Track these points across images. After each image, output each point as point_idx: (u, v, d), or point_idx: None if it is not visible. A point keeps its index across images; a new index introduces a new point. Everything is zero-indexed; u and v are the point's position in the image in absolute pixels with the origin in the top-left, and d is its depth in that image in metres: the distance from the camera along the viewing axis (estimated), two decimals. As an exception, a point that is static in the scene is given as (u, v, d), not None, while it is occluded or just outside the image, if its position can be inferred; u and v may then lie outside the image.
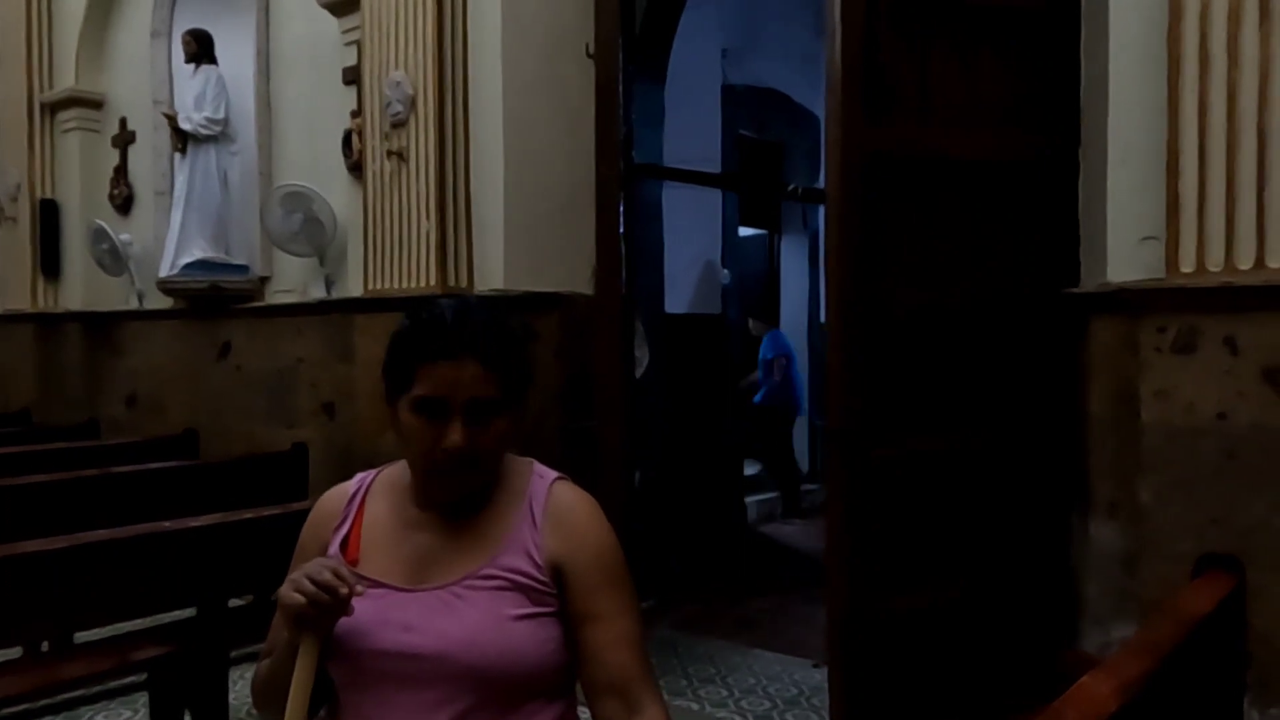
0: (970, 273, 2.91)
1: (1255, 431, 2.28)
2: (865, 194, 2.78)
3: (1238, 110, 2.31)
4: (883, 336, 2.83)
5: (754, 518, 6.62)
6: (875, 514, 2.83)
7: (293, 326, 4.95)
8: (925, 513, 2.89)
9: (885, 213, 2.82)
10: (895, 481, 2.86)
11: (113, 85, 6.09)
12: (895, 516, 2.86)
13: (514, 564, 1.23)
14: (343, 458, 4.29)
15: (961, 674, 2.88)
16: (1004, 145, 2.91)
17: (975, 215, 2.91)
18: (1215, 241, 2.34)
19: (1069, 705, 1.40)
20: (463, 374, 1.20)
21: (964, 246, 2.91)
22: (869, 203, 2.79)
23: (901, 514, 2.87)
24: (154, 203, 5.78)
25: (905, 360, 2.86)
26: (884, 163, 2.81)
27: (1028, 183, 2.93)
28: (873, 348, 2.81)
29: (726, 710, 3.54)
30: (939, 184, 2.88)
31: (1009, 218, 2.92)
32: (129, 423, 5.80)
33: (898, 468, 2.86)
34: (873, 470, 2.82)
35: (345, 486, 1.37)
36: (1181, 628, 1.85)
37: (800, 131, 7.29)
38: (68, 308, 6.16)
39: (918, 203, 2.87)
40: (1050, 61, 2.92)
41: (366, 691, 1.21)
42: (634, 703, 1.21)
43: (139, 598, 2.87)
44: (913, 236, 2.87)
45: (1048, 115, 2.92)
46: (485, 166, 3.97)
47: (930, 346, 2.88)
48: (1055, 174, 2.92)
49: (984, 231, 2.92)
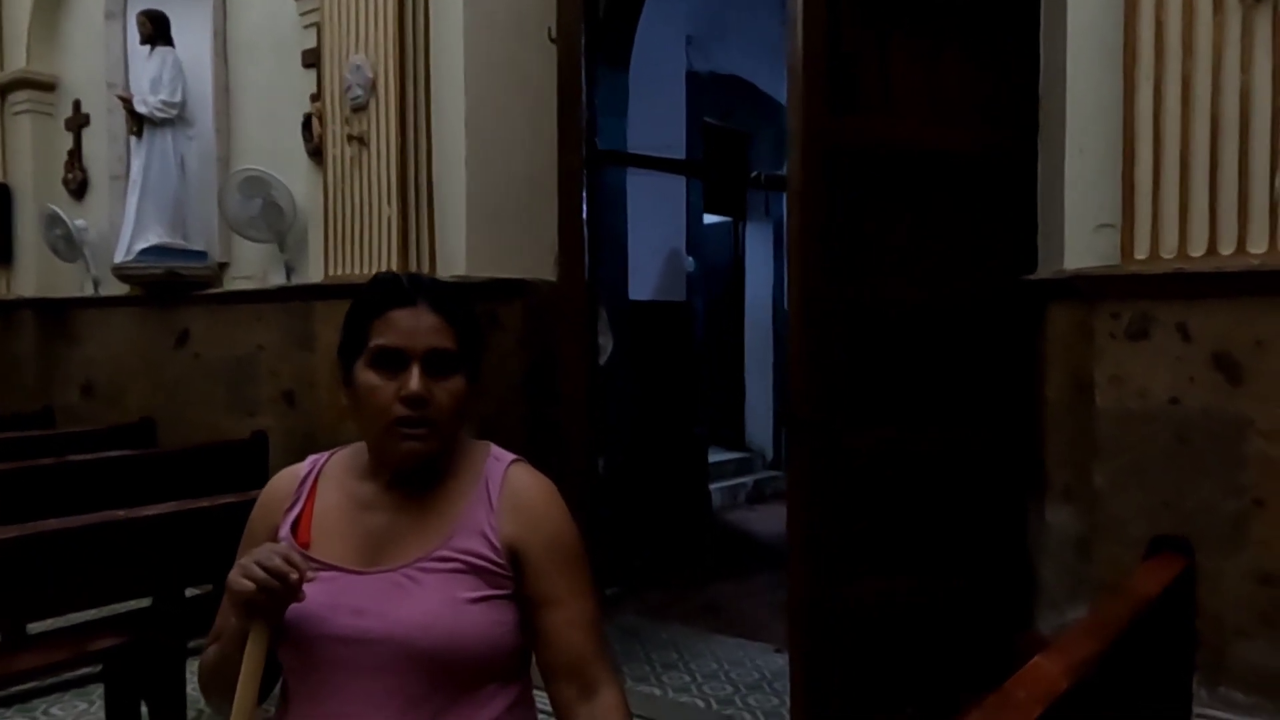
0: (932, 262, 2.93)
1: (1205, 416, 2.32)
2: (827, 184, 2.79)
3: (1192, 99, 2.35)
4: (843, 325, 2.85)
5: (718, 504, 6.65)
6: (836, 501, 2.85)
7: (252, 313, 4.88)
8: (885, 500, 2.92)
9: (847, 203, 2.84)
10: (856, 469, 2.88)
11: (66, 67, 5.95)
12: (855, 503, 2.89)
13: (469, 546, 1.22)
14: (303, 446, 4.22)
15: (920, 658, 2.92)
16: (966, 136, 2.94)
17: (937, 206, 2.93)
18: (1169, 229, 2.37)
19: (1020, 685, 1.42)
20: (420, 322, 1.20)
21: (926, 236, 2.93)
22: (830, 193, 2.80)
23: (861, 501, 2.89)
24: (109, 187, 5.66)
25: (866, 348, 2.88)
26: (845, 154, 2.82)
27: (989, 173, 2.95)
28: (833, 336, 2.83)
29: (689, 695, 3.56)
30: (901, 175, 2.89)
31: (970, 208, 2.95)
32: (85, 412, 5.69)
33: (858, 455, 2.88)
34: (833, 458, 2.84)
35: (297, 468, 1.35)
36: (1132, 608, 1.88)
37: (765, 120, 7.31)
38: (21, 294, 6.03)
39: (880, 193, 2.88)
40: (1012, 52, 2.95)
41: (317, 677, 1.19)
42: (589, 685, 1.22)
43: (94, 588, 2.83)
44: (874, 226, 2.88)
45: (1009, 106, 2.94)
46: (447, 151, 3.94)
47: (891, 335, 2.91)
48: (1016, 164, 2.95)
49: (946, 222, 2.94)
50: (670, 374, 5.54)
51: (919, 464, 2.93)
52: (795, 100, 2.78)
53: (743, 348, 7.82)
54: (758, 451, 7.77)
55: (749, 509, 6.98)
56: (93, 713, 3.33)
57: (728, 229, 7.99)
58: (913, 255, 2.92)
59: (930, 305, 2.93)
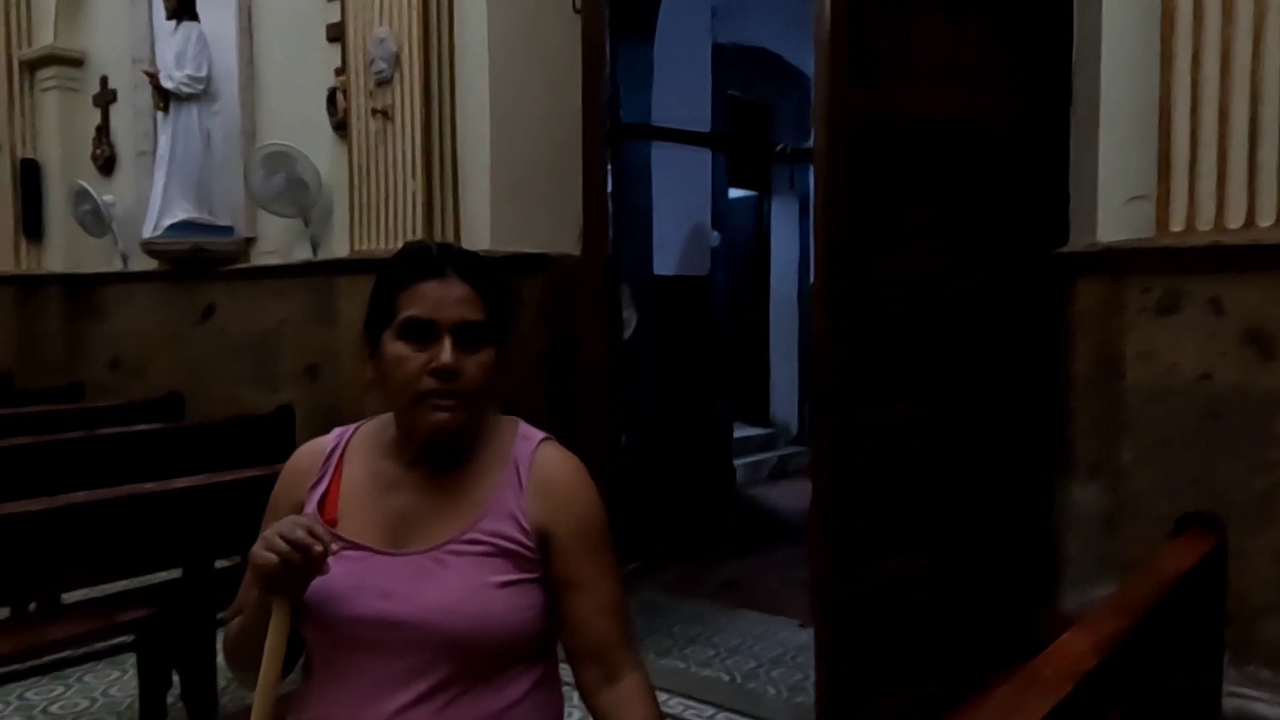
0: (959, 236, 2.90)
1: (1236, 392, 2.28)
2: (853, 157, 2.76)
3: (1231, 67, 2.29)
4: (869, 300, 2.82)
5: (741, 479, 6.65)
6: (859, 477, 2.84)
7: (276, 288, 4.91)
8: (909, 476, 2.90)
9: (873, 176, 2.80)
10: (880, 445, 2.86)
11: (92, 43, 5.98)
12: (879, 479, 2.87)
13: (499, 528, 1.21)
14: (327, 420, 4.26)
15: (944, 635, 2.91)
16: (994, 107, 2.89)
17: (964, 179, 2.89)
18: (1205, 201, 2.33)
19: (1047, 661, 1.41)
20: (449, 293, 1.19)
21: (953, 210, 2.89)
22: (857, 166, 2.77)
23: (886, 477, 2.88)
24: (136, 163, 5.69)
25: (891, 324, 2.86)
26: (872, 126, 2.78)
27: (1018, 145, 2.91)
28: (859, 312, 2.81)
29: (712, 669, 3.57)
30: (928, 147, 2.85)
31: (998, 181, 2.91)
32: (112, 386, 5.75)
33: (882, 432, 2.86)
34: (857, 434, 2.83)
35: (322, 442, 1.33)
36: (1161, 586, 1.86)
37: (789, 92, 7.22)
38: (50, 269, 6.10)
39: (907, 166, 2.84)
40: (1038, 20, 2.89)
41: (342, 657, 1.19)
42: (614, 669, 1.22)
43: (125, 559, 2.87)
44: (901, 200, 2.85)
45: (1038, 76, 2.89)
46: (471, 125, 3.93)
47: (916, 309, 2.88)
48: (1045, 136, 2.90)
49: (973, 195, 2.90)
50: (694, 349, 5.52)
51: (943, 440, 2.91)
52: (822, 72, 2.74)
53: (767, 323, 7.77)
54: (782, 427, 7.74)
55: (772, 484, 6.97)
56: (125, 681, 3.39)
57: (752, 203, 7.93)
58: (940, 229, 2.88)
59: (957, 279, 2.90)
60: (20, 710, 3.22)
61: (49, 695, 3.33)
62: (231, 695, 3.23)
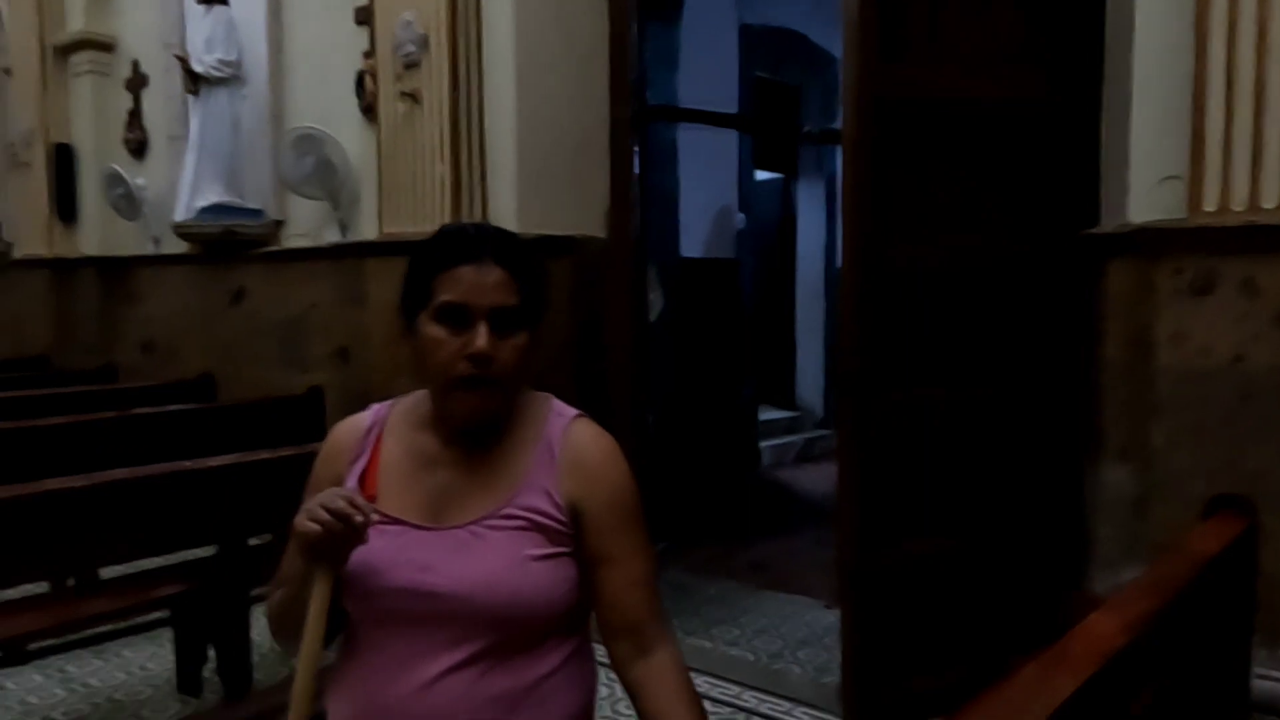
0: (988, 216, 2.88)
1: (1271, 374, 2.26)
2: (882, 135, 2.75)
3: (1267, 45, 2.26)
4: (897, 279, 2.82)
5: (767, 462, 6.65)
6: (887, 458, 2.84)
7: (306, 271, 4.95)
8: (937, 457, 2.90)
9: (902, 155, 2.79)
10: (907, 426, 2.86)
11: (123, 27, 6.03)
12: (907, 461, 2.87)
13: (533, 504, 1.23)
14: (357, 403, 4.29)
15: (971, 616, 2.91)
16: (1023, 85, 2.86)
17: (994, 158, 2.87)
18: (1240, 180, 2.30)
19: (1076, 640, 1.41)
20: (486, 278, 1.20)
21: (982, 190, 2.87)
22: (886, 144, 2.76)
23: (913, 458, 2.88)
24: (168, 147, 5.75)
25: (918, 304, 2.85)
26: (901, 104, 2.77)
27: (1048, 125, 2.88)
28: (886, 292, 2.80)
29: (739, 649, 3.59)
30: (957, 126, 2.84)
31: (1028, 161, 2.89)
32: (145, 368, 5.83)
33: (910, 413, 2.86)
34: (885, 415, 2.83)
35: (360, 419, 1.36)
36: (1191, 567, 1.85)
37: (817, 73, 7.17)
38: (84, 253, 6.18)
39: (936, 145, 2.83)
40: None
41: (383, 628, 1.22)
42: (646, 643, 1.24)
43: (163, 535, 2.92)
44: (930, 179, 2.84)
45: (1069, 55, 2.86)
46: (498, 108, 3.93)
47: (945, 290, 2.87)
48: (1075, 115, 2.87)
49: (1003, 175, 2.88)
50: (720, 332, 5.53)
51: (971, 421, 2.91)
52: (851, 50, 2.73)
53: (794, 306, 7.75)
54: (808, 410, 7.73)
55: (798, 467, 6.97)
56: (162, 655, 3.46)
57: (779, 185, 7.90)
58: (969, 208, 2.86)
59: (986, 260, 2.89)
60: (60, 683, 3.29)
61: (88, 668, 3.41)
62: (266, 670, 3.29)
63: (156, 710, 3.11)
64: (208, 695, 3.18)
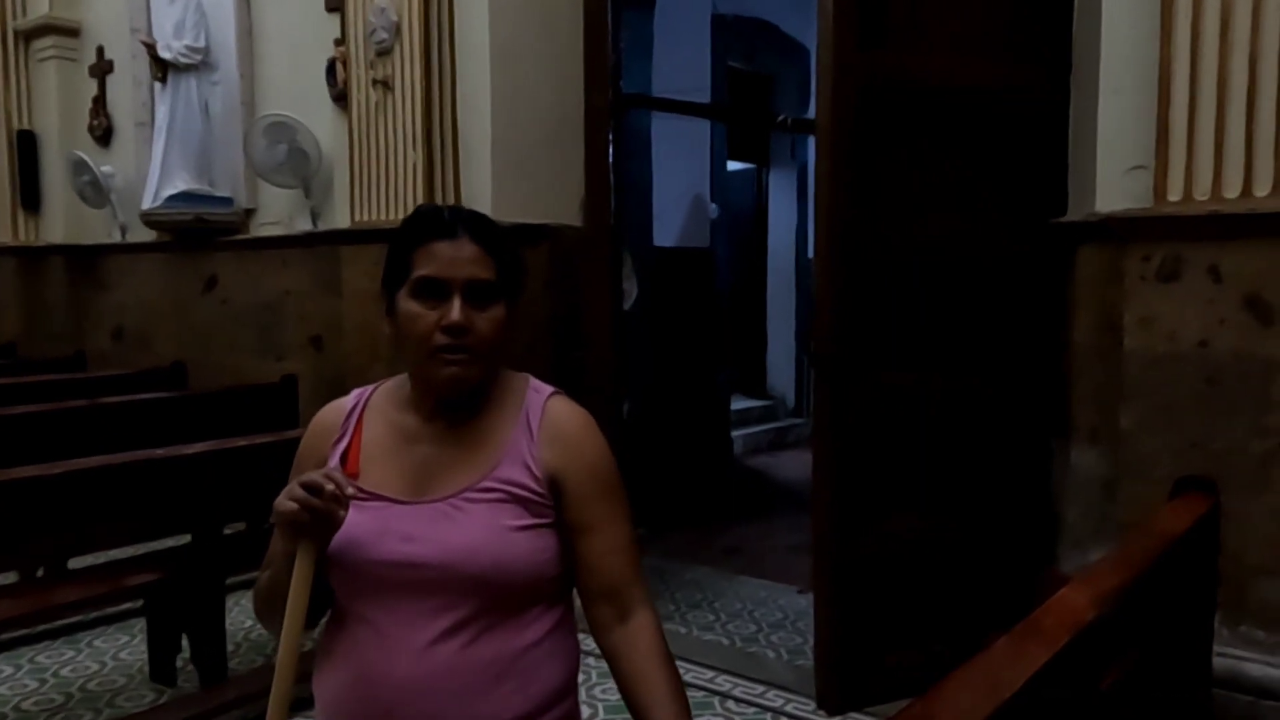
0: (960, 203, 2.92)
1: (1235, 359, 2.32)
2: (855, 121, 2.78)
3: (1230, 38, 2.31)
4: (870, 263, 2.85)
5: (740, 450, 6.70)
6: (861, 442, 2.88)
7: (279, 259, 4.92)
8: (910, 441, 2.94)
9: (875, 141, 2.82)
10: (881, 410, 2.90)
11: (89, 12, 5.94)
12: (881, 444, 2.91)
13: (512, 476, 1.25)
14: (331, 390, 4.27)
15: (944, 597, 2.96)
16: (996, 73, 2.91)
17: (965, 145, 2.91)
18: (1203, 170, 2.35)
19: (1047, 614, 1.45)
20: (461, 252, 1.23)
21: (954, 176, 2.91)
22: (859, 129, 2.79)
23: (887, 442, 2.92)
24: (135, 134, 5.68)
25: (891, 288, 2.89)
26: (875, 89, 2.80)
27: (1020, 112, 2.93)
28: (860, 274, 2.83)
29: (713, 633, 3.63)
30: (930, 112, 2.87)
31: (1000, 148, 2.93)
32: (116, 356, 5.77)
33: (884, 394, 2.90)
34: (859, 399, 2.86)
35: (342, 402, 1.38)
36: (1158, 545, 1.91)
37: (790, 63, 7.21)
38: (49, 241, 6.09)
39: (908, 131, 2.86)
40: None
41: (369, 602, 1.24)
42: (626, 607, 1.27)
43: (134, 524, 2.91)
44: (902, 165, 2.87)
45: (1041, 43, 2.90)
46: (472, 96, 3.92)
47: (917, 275, 2.91)
48: (1046, 104, 2.91)
49: (974, 162, 2.92)
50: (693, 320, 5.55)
51: (944, 404, 2.95)
52: (825, 35, 2.75)
53: (765, 295, 7.80)
54: (780, 399, 7.79)
55: (771, 455, 7.03)
56: (135, 645, 3.44)
57: (751, 175, 7.93)
58: (941, 195, 2.90)
59: (960, 246, 2.93)
60: (32, 673, 3.26)
61: (60, 659, 3.38)
62: (241, 659, 3.28)
63: (130, 700, 3.09)
64: (182, 684, 3.16)
